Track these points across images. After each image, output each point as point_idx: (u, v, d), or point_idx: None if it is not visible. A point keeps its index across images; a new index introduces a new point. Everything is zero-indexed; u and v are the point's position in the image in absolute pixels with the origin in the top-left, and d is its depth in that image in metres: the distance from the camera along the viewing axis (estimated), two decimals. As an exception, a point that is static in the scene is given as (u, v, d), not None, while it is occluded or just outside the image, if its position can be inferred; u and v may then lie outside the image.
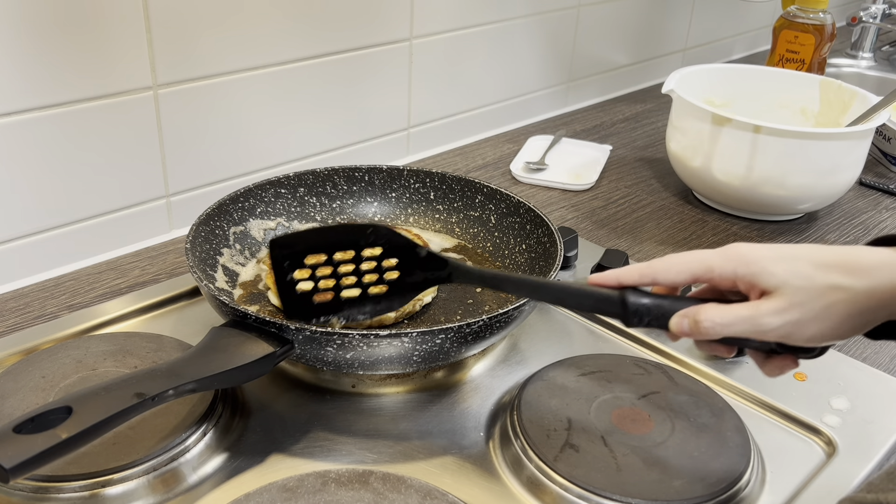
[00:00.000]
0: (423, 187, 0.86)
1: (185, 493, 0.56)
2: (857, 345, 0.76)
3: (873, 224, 1.01)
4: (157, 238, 0.88)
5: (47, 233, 0.80)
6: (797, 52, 1.26)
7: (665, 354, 0.72)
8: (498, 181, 1.06)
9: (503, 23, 1.16)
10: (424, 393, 0.67)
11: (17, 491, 0.54)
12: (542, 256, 0.76)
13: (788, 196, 0.94)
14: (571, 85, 1.35)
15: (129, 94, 0.80)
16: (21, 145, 0.75)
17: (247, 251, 0.78)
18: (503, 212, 0.83)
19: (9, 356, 0.67)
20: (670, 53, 1.53)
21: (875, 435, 0.63)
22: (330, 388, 0.66)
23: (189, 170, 0.88)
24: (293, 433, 0.61)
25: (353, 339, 0.59)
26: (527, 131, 1.24)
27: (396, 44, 1.03)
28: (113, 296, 0.77)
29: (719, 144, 0.94)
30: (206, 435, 0.59)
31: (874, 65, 1.64)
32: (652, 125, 1.31)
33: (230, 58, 0.87)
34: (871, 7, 1.63)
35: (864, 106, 1.01)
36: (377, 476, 0.55)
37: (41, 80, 0.74)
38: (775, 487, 0.59)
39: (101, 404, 0.49)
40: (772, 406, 0.66)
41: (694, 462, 0.58)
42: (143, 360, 0.65)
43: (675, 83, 1.01)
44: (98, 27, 0.76)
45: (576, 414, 0.62)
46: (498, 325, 0.63)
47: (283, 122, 0.95)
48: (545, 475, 0.57)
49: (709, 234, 0.96)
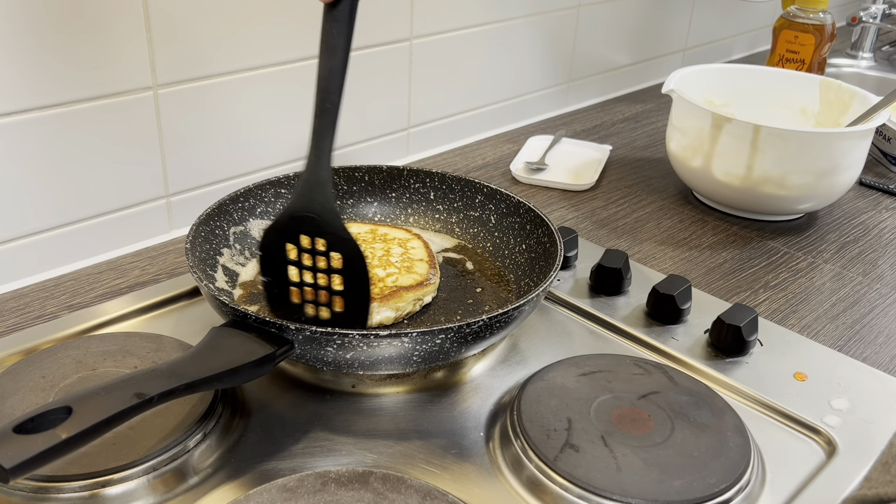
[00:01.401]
0: (423, 187, 0.86)
1: (185, 493, 0.56)
2: (857, 345, 0.76)
3: (873, 224, 1.01)
4: (157, 238, 0.88)
5: (47, 233, 0.80)
6: (797, 52, 1.26)
7: (665, 354, 0.72)
8: (498, 181, 1.06)
9: (503, 23, 1.16)
10: (424, 393, 0.67)
11: (17, 491, 0.54)
12: (542, 256, 0.76)
13: (788, 196, 0.94)
14: (571, 85, 1.35)
15: (129, 94, 0.81)
16: (21, 145, 0.75)
17: (247, 251, 0.78)
18: (503, 212, 0.83)
19: (9, 356, 0.67)
20: (670, 53, 1.53)
21: (875, 435, 0.63)
22: (330, 388, 0.66)
23: (189, 170, 0.88)
24: (293, 433, 0.61)
25: (353, 339, 0.59)
26: (527, 131, 1.24)
27: (396, 44, 1.03)
28: (113, 296, 0.77)
29: (719, 144, 0.94)
30: (206, 435, 0.59)
31: (874, 65, 1.64)
32: (652, 125, 1.31)
33: (230, 58, 0.87)
34: (871, 7, 1.63)
35: (864, 106, 1.01)
36: (377, 476, 0.55)
37: (41, 80, 0.74)
38: (775, 487, 0.59)
39: (101, 404, 0.49)
40: (772, 406, 0.66)
41: (694, 462, 0.58)
42: (143, 360, 0.65)
43: (675, 83, 1.01)
44: (98, 27, 0.76)
45: (576, 414, 0.62)
46: (498, 325, 0.63)
47: (283, 122, 0.95)
48: (545, 475, 0.57)
49: (709, 234, 0.96)
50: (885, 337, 0.77)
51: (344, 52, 0.63)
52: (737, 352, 0.71)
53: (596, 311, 0.77)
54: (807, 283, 0.86)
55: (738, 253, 0.92)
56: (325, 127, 0.64)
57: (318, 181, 0.64)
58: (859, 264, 0.91)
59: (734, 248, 0.93)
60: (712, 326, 0.73)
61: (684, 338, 0.74)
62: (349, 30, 0.62)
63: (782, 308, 0.81)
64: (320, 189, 0.64)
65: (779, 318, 0.79)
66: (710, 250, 0.92)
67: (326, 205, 0.64)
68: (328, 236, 0.65)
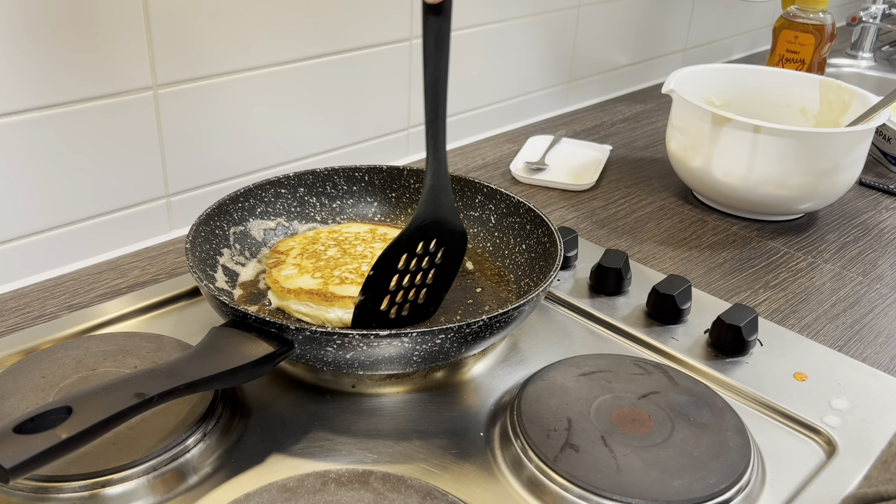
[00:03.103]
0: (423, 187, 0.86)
1: (185, 493, 0.56)
2: (857, 345, 0.76)
3: (873, 224, 1.01)
4: (157, 238, 0.88)
5: (47, 233, 0.80)
6: (797, 52, 1.26)
7: (665, 354, 0.72)
8: (498, 181, 1.06)
9: (503, 23, 1.16)
10: (424, 393, 0.67)
11: (17, 491, 0.54)
12: (542, 256, 0.76)
13: (788, 196, 0.94)
14: (571, 85, 1.35)
15: (128, 94, 0.81)
16: (21, 145, 0.75)
17: (247, 251, 0.78)
18: (503, 212, 0.83)
19: (9, 356, 0.67)
20: (670, 53, 1.53)
21: (875, 435, 0.63)
22: (330, 388, 0.66)
23: (189, 170, 0.88)
24: (293, 433, 0.61)
25: (353, 339, 0.59)
26: (527, 131, 1.24)
27: (396, 44, 1.03)
28: (113, 296, 0.77)
29: (719, 144, 0.94)
30: (206, 435, 0.59)
31: (874, 65, 1.64)
32: (652, 125, 1.31)
33: (230, 58, 0.87)
34: (871, 7, 1.63)
35: (864, 106, 1.01)
36: (377, 476, 0.55)
37: (41, 81, 0.74)
38: (775, 487, 0.59)
39: (101, 404, 0.49)
40: (772, 406, 0.66)
41: (694, 462, 0.58)
42: (143, 360, 0.65)
43: (675, 83, 1.01)
44: (98, 27, 0.76)
45: (576, 414, 0.62)
46: (498, 325, 0.63)
47: (283, 122, 0.95)
48: (545, 475, 0.57)
49: (709, 234, 0.96)
50: (885, 337, 0.77)
51: (447, 54, 0.63)
52: (737, 352, 0.71)
53: (596, 311, 0.77)
54: (807, 283, 0.86)
55: (738, 253, 0.92)
56: (439, 132, 0.66)
57: (443, 185, 0.67)
58: (859, 264, 0.91)
59: (734, 248, 0.93)
60: (712, 326, 0.73)
61: (684, 338, 0.74)
62: (449, 31, 0.62)
63: (782, 308, 0.81)
64: (445, 193, 0.67)
65: (779, 318, 0.79)
66: (710, 250, 0.92)
67: (450, 205, 0.68)
68: (448, 234, 0.68)
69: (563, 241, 0.75)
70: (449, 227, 0.68)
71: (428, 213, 0.67)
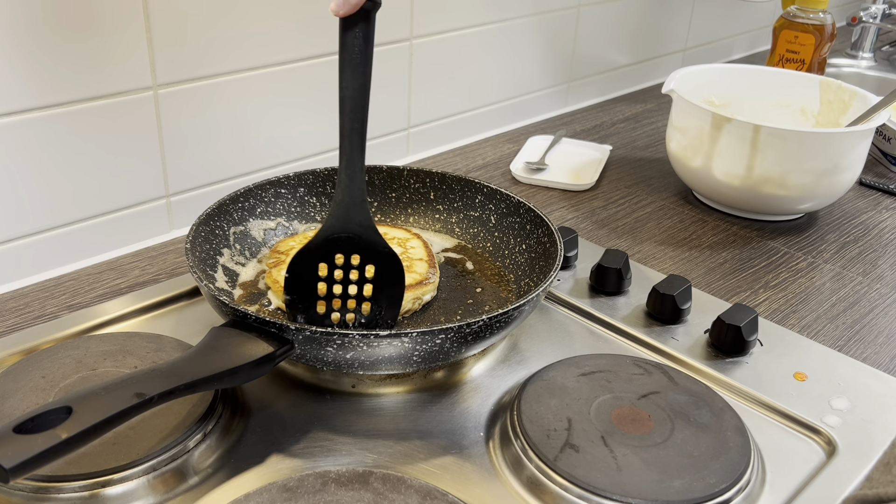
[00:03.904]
0: (423, 187, 0.86)
1: (185, 493, 0.56)
2: (857, 345, 0.76)
3: (873, 224, 1.01)
4: (157, 238, 0.88)
5: (47, 233, 0.80)
6: (797, 52, 1.26)
7: (665, 354, 0.72)
8: (498, 181, 1.06)
9: (503, 23, 1.16)
10: (424, 393, 0.67)
11: (17, 491, 0.54)
12: (542, 256, 0.76)
13: (788, 196, 0.94)
14: (571, 85, 1.35)
15: (129, 94, 0.81)
16: (21, 145, 0.75)
17: (247, 251, 0.78)
18: (503, 212, 0.83)
19: (9, 356, 0.67)
20: (670, 53, 1.53)
21: (875, 435, 0.63)
22: (330, 388, 0.66)
23: (189, 170, 0.88)
24: (293, 433, 0.61)
25: (353, 339, 0.59)
26: (527, 131, 1.24)
27: (396, 44, 1.03)
28: (113, 296, 0.77)
29: (719, 144, 0.94)
30: (206, 435, 0.59)
31: (874, 65, 1.64)
32: (652, 125, 1.31)
33: (230, 58, 0.87)
34: (871, 7, 1.63)
35: (864, 106, 1.01)
36: (377, 476, 0.55)
37: (41, 80, 0.74)
38: (775, 487, 0.59)
39: (101, 404, 0.49)
40: (772, 406, 0.66)
41: (694, 462, 0.58)
42: (143, 360, 0.65)
43: (675, 83, 1.01)
44: (98, 27, 0.76)
45: (576, 414, 0.62)
46: (498, 325, 0.63)
47: (283, 122, 0.95)
48: (545, 475, 0.57)
49: (709, 234, 0.96)
50: (885, 337, 0.77)
51: (368, 68, 0.62)
52: (737, 352, 0.72)
53: (596, 311, 0.77)
54: (807, 283, 0.87)
55: (738, 253, 0.92)
56: (354, 147, 0.64)
57: (354, 202, 0.65)
58: (859, 264, 0.91)
59: (734, 248, 0.93)
60: (712, 326, 0.73)
61: (684, 338, 0.74)
62: (370, 44, 0.61)
63: (782, 308, 0.81)
64: (356, 209, 0.65)
65: (779, 318, 0.79)
66: (710, 250, 0.92)
67: (365, 223, 0.66)
68: (367, 252, 0.67)
69: (563, 241, 0.75)
70: (373, 245, 0.66)
71: (337, 227, 0.66)
